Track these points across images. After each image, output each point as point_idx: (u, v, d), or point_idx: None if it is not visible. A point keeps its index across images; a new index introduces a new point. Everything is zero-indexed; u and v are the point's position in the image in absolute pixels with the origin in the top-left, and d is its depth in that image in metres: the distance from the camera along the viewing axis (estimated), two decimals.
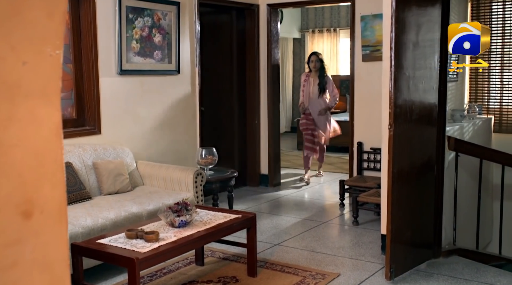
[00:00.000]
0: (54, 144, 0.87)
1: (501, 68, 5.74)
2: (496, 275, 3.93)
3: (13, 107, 0.82)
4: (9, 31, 0.79)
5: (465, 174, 4.62)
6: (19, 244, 0.84)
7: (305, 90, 6.82)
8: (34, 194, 0.85)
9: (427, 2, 4.12)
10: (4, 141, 0.81)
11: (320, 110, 6.78)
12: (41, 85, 0.85)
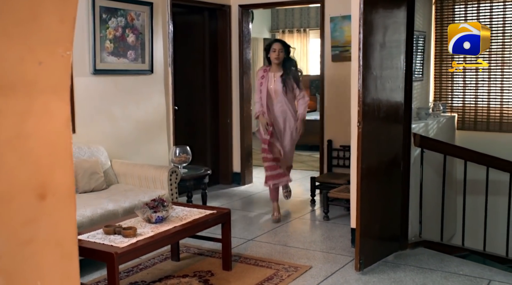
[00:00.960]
0: (64, 135, 0.99)
1: (463, 68, 5.99)
2: (459, 265, 4.14)
3: (30, 102, 0.93)
4: (28, 35, 0.91)
5: (430, 170, 4.84)
6: (35, 223, 0.95)
7: (262, 90, 5.10)
8: (47, 178, 0.97)
9: (393, 4, 4.31)
10: (22, 132, 0.92)
11: (292, 132, 5.24)
12: (54, 82, 0.97)
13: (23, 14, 0.88)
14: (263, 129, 5.08)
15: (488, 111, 5.91)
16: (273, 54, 5.12)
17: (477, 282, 3.81)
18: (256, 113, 5.21)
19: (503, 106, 5.83)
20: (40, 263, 0.95)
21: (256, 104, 5.24)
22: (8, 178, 0.90)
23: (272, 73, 5.13)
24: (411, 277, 3.90)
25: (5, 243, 0.90)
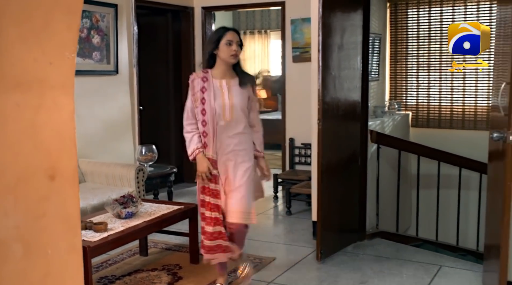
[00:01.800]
0: (70, 126, 1.17)
1: (417, 69, 6.34)
2: (413, 253, 4.44)
3: (43, 97, 1.11)
4: (41, 40, 1.08)
5: (386, 165, 5.13)
6: (46, 200, 1.13)
7: (206, 108, 3.32)
8: (56, 162, 1.14)
9: (350, 8, 4.57)
10: (36, 123, 1.09)
11: (249, 175, 3.43)
12: (61, 80, 1.14)
13: (38, 23, 1.05)
14: (204, 176, 3.37)
15: (440, 109, 6.27)
16: (228, 49, 3.29)
17: (429, 268, 4.10)
18: (194, 150, 3.36)
19: (453, 104, 6.20)
20: (50, 234, 1.12)
21: (188, 133, 3.41)
22: (25, 161, 1.07)
23: (221, 80, 3.33)
24: (369, 265, 4.16)
25: (23, 217, 1.07)
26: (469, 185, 5.47)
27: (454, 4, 6.01)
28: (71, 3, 1.07)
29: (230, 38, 3.34)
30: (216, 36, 3.37)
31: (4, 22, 0.96)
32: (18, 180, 1.06)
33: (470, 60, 5.55)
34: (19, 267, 1.05)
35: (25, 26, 1.02)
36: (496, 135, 3.22)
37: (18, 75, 1.03)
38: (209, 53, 3.40)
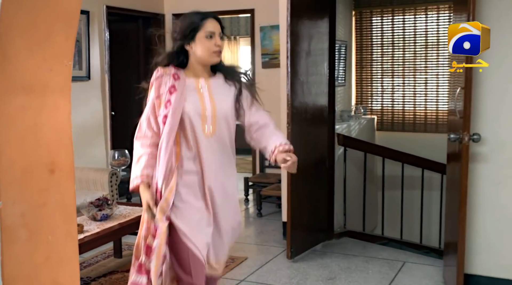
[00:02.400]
0: (67, 125, 1.32)
1: (381, 74, 6.61)
2: (379, 250, 4.66)
3: (44, 99, 1.26)
4: (44, 49, 1.23)
5: (353, 167, 5.35)
6: (47, 191, 1.28)
7: (172, 114, 2.42)
8: (55, 157, 1.29)
9: (317, 16, 4.79)
10: (38, 122, 1.24)
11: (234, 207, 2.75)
12: (60, 84, 1.29)
13: (41, 34, 1.20)
14: (149, 214, 2.42)
15: (403, 113, 6.55)
16: (208, 44, 2.44)
17: (394, 264, 4.33)
18: (138, 177, 2.47)
19: (416, 108, 6.49)
20: (51, 222, 1.27)
21: (136, 151, 2.53)
22: (29, 156, 1.22)
23: (197, 79, 2.49)
24: (337, 263, 4.37)
25: (27, 205, 1.21)
26: (432, 185, 5.74)
27: (416, 12, 6.31)
28: (69, 17, 1.23)
29: (211, 29, 2.42)
30: (191, 26, 2.43)
31: (12, 33, 1.11)
32: (23, 172, 1.20)
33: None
34: (24, 250, 1.19)
35: (30, 37, 1.17)
36: (452, 136, 3.46)
37: (23, 80, 1.18)
38: (177, 49, 2.49)
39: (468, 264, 3.64)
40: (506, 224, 3.58)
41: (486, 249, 3.66)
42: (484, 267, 3.66)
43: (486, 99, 3.54)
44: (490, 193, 3.60)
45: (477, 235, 3.66)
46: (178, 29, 2.52)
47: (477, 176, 3.60)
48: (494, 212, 3.61)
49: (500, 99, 3.52)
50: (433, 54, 6.29)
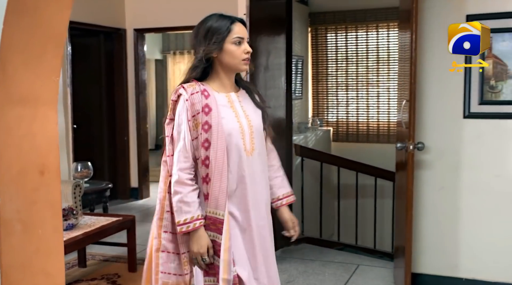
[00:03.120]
0: (55, 134, 1.52)
1: (336, 88, 6.95)
2: (335, 255, 4.94)
3: (36, 110, 1.46)
4: (36, 66, 1.44)
5: (310, 176, 5.63)
6: (38, 190, 1.47)
7: (215, 131, 2.16)
8: (45, 160, 1.49)
9: (275, 32, 5.07)
10: (31, 130, 1.44)
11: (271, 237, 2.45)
12: (49, 98, 1.49)
13: (35, 54, 1.40)
14: (201, 260, 2.16)
15: (357, 125, 6.90)
16: (238, 50, 2.22)
17: (348, 266, 4.60)
18: (194, 219, 2.14)
19: (369, 120, 6.85)
20: (41, 217, 1.46)
21: (184, 186, 2.15)
22: (23, 160, 1.41)
23: (228, 93, 2.28)
24: (295, 267, 4.61)
25: (22, 203, 1.40)
26: (384, 193, 6.06)
27: (368, 29, 6.69)
28: (58, 39, 1.43)
29: (240, 34, 2.21)
30: (219, 31, 2.17)
31: (10, 52, 1.30)
32: (19, 173, 1.39)
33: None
34: (19, 241, 1.38)
35: (25, 56, 1.36)
36: (399, 145, 3.77)
37: (19, 93, 1.37)
38: (203, 58, 2.19)
39: (415, 264, 3.94)
40: (449, 226, 3.90)
41: (431, 249, 3.96)
42: (430, 266, 3.97)
43: (429, 111, 3.87)
44: (434, 197, 3.92)
45: (423, 237, 3.97)
46: (203, 36, 2.18)
47: (422, 182, 3.92)
48: (438, 215, 3.93)
49: (442, 111, 3.85)
50: (384, 69, 6.68)
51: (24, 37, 1.34)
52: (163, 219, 2.26)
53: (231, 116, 2.21)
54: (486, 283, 3.80)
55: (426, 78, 3.86)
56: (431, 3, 3.81)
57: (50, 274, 1.47)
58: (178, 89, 2.19)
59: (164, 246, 2.24)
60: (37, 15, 1.36)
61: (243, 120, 2.23)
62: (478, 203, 3.82)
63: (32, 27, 1.36)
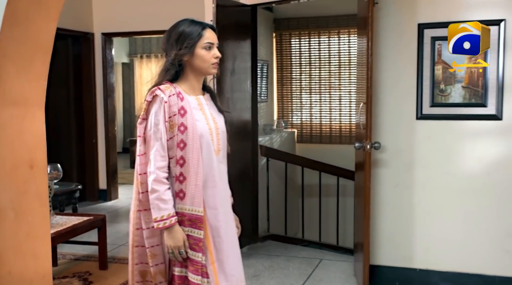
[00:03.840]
0: (42, 131, 1.71)
1: (300, 92, 7.23)
2: (299, 251, 5.19)
3: (26, 111, 1.64)
4: (27, 72, 1.63)
5: (275, 176, 5.88)
6: (28, 182, 1.66)
7: (190, 140, 2.32)
8: (34, 155, 1.68)
9: (240, 37, 5.29)
10: (22, 128, 1.63)
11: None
12: (37, 99, 1.68)
13: (26, 61, 1.59)
14: (178, 254, 2.29)
15: (321, 127, 7.19)
16: (208, 55, 2.39)
17: (312, 261, 4.86)
18: (170, 216, 2.27)
19: (332, 122, 7.15)
20: (30, 206, 1.64)
21: (160, 184, 2.27)
22: (16, 155, 1.59)
23: (197, 96, 2.46)
24: (261, 262, 4.85)
25: (14, 193, 1.59)
26: (346, 192, 6.35)
27: (330, 35, 7.00)
28: (45, 48, 1.62)
29: (210, 40, 2.37)
30: (191, 36, 2.33)
31: (5, 60, 1.49)
32: (12, 167, 1.58)
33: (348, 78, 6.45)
34: (12, 227, 1.56)
35: (18, 63, 1.55)
36: (357, 145, 4.05)
37: (12, 96, 1.56)
38: (175, 61, 2.35)
39: (373, 256, 4.22)
40: (404, 220, 4.19)
41: (388, 243, 4.24)
42: (387, 258, 4.25)
43: (385, 112, 4.15)
44: (390, 194, 4.21)
45: (380, 231, 4.25)
46: (175, 40, 2.34)
47: (378, 180, 4.20)
48: (394, 210, 4.21)
49: (397, 113, 4.14)
50: (346, 73, 6.99)
51: (16, 46, 1.53)
52: (135, 217, 2.40)
53: (202, 118, 2.37)
54: (438, 272, 4.10)
55: (382, 82, 4.14)
56: (386, 12, 4.10)
57: (39, 257, 1.65)
58: (155, 90, 2.29)
59: (137, 241, 2.42)
60: (27, 27, 1.55)
61: (211, 122, 2.41)
62: (430, 199, 4.12)
63: (23, 38, 1.55)
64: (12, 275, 1.54)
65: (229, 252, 2.43)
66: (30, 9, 1.52)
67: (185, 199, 2.28)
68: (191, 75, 2.41)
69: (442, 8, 3.99)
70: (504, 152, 3.91)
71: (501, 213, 3.94)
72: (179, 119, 2.28)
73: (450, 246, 4.09)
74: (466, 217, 4.03)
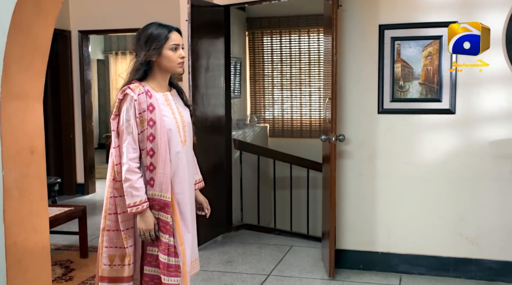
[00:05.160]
0: (41, 122, 1.97)
1: (272, 88, 7.55)
2: (271, 239, 5.52)
3: (27, 104, 1.91)
4: (28, 70, 1.89)
5: (249, 169, 6.18)
6: (29, 166, 1.92)
7: (159, 126, 2.62)
8: (34, 143, 1.95)
9: (214, 36, 5.57)
10: (24, 118, 1.89)
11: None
12: (36, 94, 1.95)
13: (27, 61, 1.85)
14: (148, 236, 2.59)
15: (292, 121, 7.52)
16: (174, 55, 2.66)
17: (283, 248, 5.19)
18: (142, 202, 2.56)
19: (302, 117, 7.49)
20: (31, 188, 1.91)
21: (132, 174, 2.54)
22: (19, 142, 1.86)
23: (164, 93, 2.73)
24: (235, 249, 5.16)
25: (18, 175, 1.85)
26: (316, 184, 6.68)
27: (300, 34, 7.33)
28: (44, 49, 1.89)
29: (176, 41, 2.65)
30: (158, 38, 2.60)
31: (11, 61, 1.76)
32: (15, 152, 1.85)
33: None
34: (16, 204, 1.83)
35: (20, 63, 1.82)
36: (323, 137, 4.37)
37: (16, 91, 1.82)
38: (144, 61, 2.61)
39: (339, 241, 4.55)
40: (367, 208, 4.53)
41: (352, 228, 4.58)
42: (351, 243, 4.59)
43: (349, 107, 4.48)
44: (354, 183, 4.54)
45: (345, 218, 4.58)
46: (144, 42, 2.60)
47: (343, 170, 4.53)
48: (358, 198, 4.55)
49: (360, 107, 4.48)
50: (315, 70, 7.33)
51: (19, 48, 1.79)
52: (108, 203, 2.67)
53: (169, 113, 2.65)
54: (397, 255, 4.46)
55: (346, 79, 4.47)
56: (349, 13, 4.43)
57: (38, 231, 1.92)
58: (125, 89, 2.55)
59: (108, 225, 2.67)
60: (29, 32, 1.81)
61: (177, 116, 2.68)
62: (391, 187, 4.47)
63: (25, 41, 1.81)
64: (16, 245, 1.80)
65: (193, 231, 2.78)
66: (31, 17, 1.79)
67: (155, 186, 2.58)
68: (158, 74, 2.67)
69: (401, 10, 4.33)
70: (457, 143, 4.28)
71: (455, 199, 4.31)
72: (148, 115, 2.55)
73: (409, 230, 4.44)
74: (423, 203, 4.39)
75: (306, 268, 4.62)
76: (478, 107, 4.21)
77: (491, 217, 4.23)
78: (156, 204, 2.59)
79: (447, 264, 4.35)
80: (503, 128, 4.17)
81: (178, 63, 2.65)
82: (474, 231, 4.28)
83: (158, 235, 2.58)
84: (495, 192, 4.22)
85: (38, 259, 1.89)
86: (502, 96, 4.14)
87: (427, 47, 4.28)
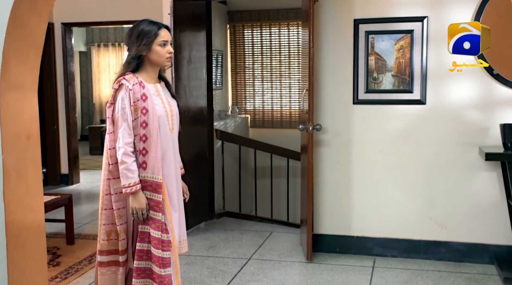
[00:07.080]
0: (35, 110, 2.16)
1: (253, 80, 7.76)
2: (252, 225, 5.76)
3: (24, 94, 2.10)
4: (24, 63, 2.07)
5: (230, 158, 6.39)
6: (26, 150, 2.12)
7: (151, 114, 2.85)
8: (30, 129, 2.14)
9: (196, 29, 5.75)
10: (22, 107, 2.08)
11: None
12: (32, 85, 2.14)
13: (23, 55, 2.04)
14: (140, 215, 2.82)
15: (272, 113, 7.75)
16: (162, 51, 2.90)
17: (263, 233, 5.43)
18: (136, 183, 2.79)
19: (282, 108, 7.72)
20: (27, 170, 2.10)
21: (127, 157, 2.78)
22: (17, 128, 2.05)
23: (154, 84, 2.97)
24: (217, 235, 5.38)
25: (16, 158, 2.04)
26: (296, 173, 6.91)
27: (280, 27, 7.54)
28: (38, 43, 2.07)
29: (165, 38, 2.89)
30: (149, 35, 2.85)
31: (9, 55, 1.94)
32: (13, 138, 2.04)
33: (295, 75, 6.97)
34: (14, 185, 2.02)
35: (18, 57, 2.00)
36: (301, 127, 4.60)
37: (14, 82, 2.01)
38: (136, 55, 2.85)
39: (316, 226, 4.80)
40: (343, 194, 4.77)
41: (329, 214, 4.83)
42: (328, 227, 4.84)
43: (325, 98, 4.71)
44: (330, 170, 4.78)
45: (322, 204, 4.82)
46: (135, 38, 2.84)
47: (320, 158, 4.76)
48: (334, 185, 4.79)
49: (336, 98, 4.71)
50: (295, 62, 7.56)
51: (17, 43, 1.97)
52: (104, 185, 2.90)
53: (160, 102, 2.91)
54: (372, 239, 4.71)
55: (323, 71, 4.70)
56: (326, 8, 4.65)
57: (34, 210, 2.11)
58: (121, 80, 2.80)
59: (105, 204, 2.92)
60: (25, 28, 2.00)
61: (167, 106, 2.95)
62: (366, 174, 4.71)
63: (22, 36, 1.99)
64: (15, 223, 1.99)
65: (180, 212, 3.10)
66: (27, 14, 1.97)
67: (147, 169, 2.83)
68: (149, 67, 2.93)
69: (375, 6, 4.57)
70: (427, 132, 4.53)
71: (426, 185, 4.57)
72: (141, 104, 2.80)
73: (383, 215, 4.69)
74: (396, 189, 4.64)
75: (285, 252, 4.86)
76: (447, 98, 4.47)
77: (459, 202, 4.50)
78: (149, 185, 2.83)
79: (418, 246, 4.62)
80: (470, 118, 4.43)
81: (166, 58, 2.91)
82: (443, 215, 4.54)
83: (148, 214, 2.83)
84: (463, 179, 4.49)
85: (34, 235, 2.08)
86: (469, 88, 4.40)
87: (399, 40, 4.52)
